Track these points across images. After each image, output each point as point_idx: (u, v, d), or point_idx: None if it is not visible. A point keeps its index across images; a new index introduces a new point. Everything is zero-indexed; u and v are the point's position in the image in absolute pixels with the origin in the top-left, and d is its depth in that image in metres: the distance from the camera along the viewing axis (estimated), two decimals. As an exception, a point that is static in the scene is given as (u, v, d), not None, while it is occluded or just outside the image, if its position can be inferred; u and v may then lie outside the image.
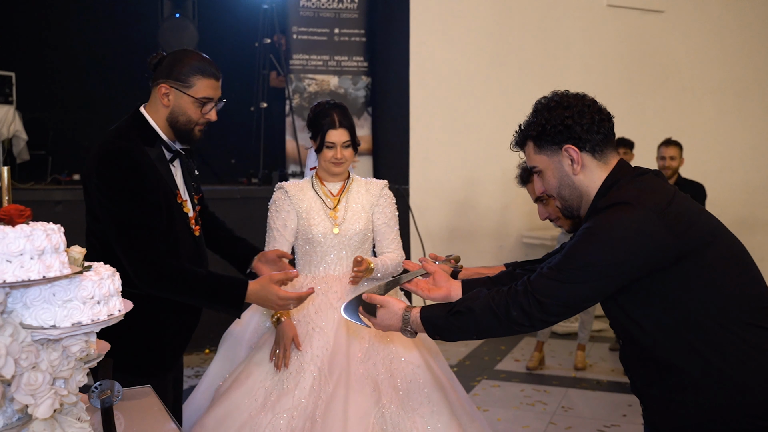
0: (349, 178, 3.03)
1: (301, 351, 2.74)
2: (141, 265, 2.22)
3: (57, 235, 1.33)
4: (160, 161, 2.34)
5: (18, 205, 1.33)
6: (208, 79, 2.34)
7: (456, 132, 6.99)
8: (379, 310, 2.01)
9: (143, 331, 2.36)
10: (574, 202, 1.93)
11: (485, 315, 1.83)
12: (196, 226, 2.46)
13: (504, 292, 1.84)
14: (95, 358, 1.67)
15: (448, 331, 1.91)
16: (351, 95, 7.22)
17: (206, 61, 2.36)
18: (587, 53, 7.40)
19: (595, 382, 5.29)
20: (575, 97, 1.91)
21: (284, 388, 2.68)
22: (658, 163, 5.71)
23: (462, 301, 1.92)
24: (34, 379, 1.35)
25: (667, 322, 1.78)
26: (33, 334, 1.35)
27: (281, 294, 2.30)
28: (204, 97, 2.33)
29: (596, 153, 1.88)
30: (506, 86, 7.07)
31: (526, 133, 1.96)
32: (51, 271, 1.30)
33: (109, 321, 1.45)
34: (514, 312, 1.80)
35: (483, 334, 1.91)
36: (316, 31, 7.19)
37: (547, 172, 1.94)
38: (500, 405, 4.76)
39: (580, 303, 1.82)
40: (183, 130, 2.36)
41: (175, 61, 2.34)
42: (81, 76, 8.41)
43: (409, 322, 1.95)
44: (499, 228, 7.13)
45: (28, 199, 5.57)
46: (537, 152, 1.93)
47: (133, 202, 2.22)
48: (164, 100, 2.33)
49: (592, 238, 1.75)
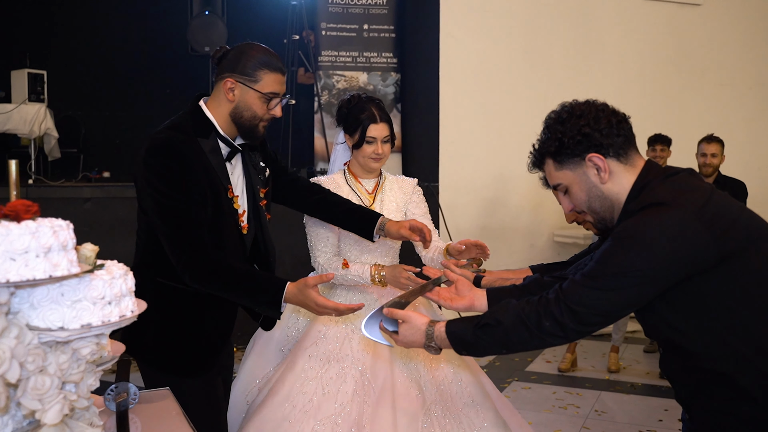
0: (381, 174, 2.95)
1: (341, 354, 2.65)
2: (185, 257, 2.17)
3: (65, 231, 1.26)
4: (214, 154, 2.27)
5: (25, 200, 1.26)
6: (275, 73, 2.26)
7: (487, 129, 6.87)
8: (401, 326, 1.91)
9: (181, 328, 2.32)
10: (607, 214, 1.83)
11: (515, 327, 1.74)
12: (245, 224, 2.38)
13: (534, 301, 1.74)
14: (109, 360, 1.60)
15: (475, 346, 1.81)
16: (380, 92, 7.13)
17: (272, 55, 2.28)
18: (622, 48, 7.23)
19: (629, 385, 5.15)
20: (586, 104, 1.81)
21: (325, 393, 2.57)
22: (699, 160, 5.55)
23: (490, 314, 1.81)
24: (41, 384, 1.28)
25: (712, 329, 1.66)
26: (40, 336, 1.29)
27: (319, 301, 2.18)
28: (270, 92, 2.26)
29: (621, 157, 1.78)
30: (539, 82, 6.93)
31: (543, 151, 1.86)
32: (58, 270, 1.23)
33: (121, 322, 1.38)
34: (546, 323, 1.70)
35: (514, 347, 1.80)
36: (345, 27, 7.12)
37: (573, 187, 1.83)
38: (531, 408, 4.64)
39: (616, 311, 1.71)
40: (247, 126, 2.29)
41: (240, 54, 2.26)
42: (112, 74, 8.45)
43: (433, 338, 1.85)
44: (531, 226, 7.00)
45: (57, 196, 5.59)
46: (558, 168, 1.83)
47: (179, 193, 2.16)
48: (229, 95, 2.26)
49: (626, 242, 1.65)
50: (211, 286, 2.22)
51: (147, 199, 2.21)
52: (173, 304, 2.31)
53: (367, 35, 7.14)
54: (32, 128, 6.85)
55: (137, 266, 2.33)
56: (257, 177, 2.44)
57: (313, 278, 2.20)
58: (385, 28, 7.16)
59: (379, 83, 7.14)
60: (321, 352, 2.67)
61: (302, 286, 2.18)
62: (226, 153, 2.32)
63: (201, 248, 2.18)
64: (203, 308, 2.33)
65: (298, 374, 2.62)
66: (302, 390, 2.58)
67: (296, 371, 2.63)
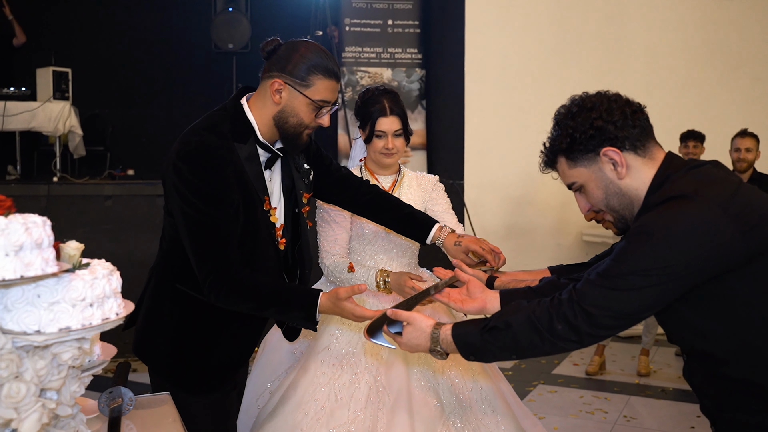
0: (399, 171, 2.84)
1: (354, 359, 2.55)
2: (211, 276, 1.99)
3: (40, 228, 1.18)
4: (251, 161, 2.08)
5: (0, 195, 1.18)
6: (329, 79, 2.04)
7: (513, 125, 6.73)
8: (405, 328, 1.79)
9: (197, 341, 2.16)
10: (626, 211, 1.70)
11: (525, 330, 1.62)
12: (282, 239, 2.20)
13: (546, 303, 1.62)
14: (98, 365, 1.52)
15: (483, 351, 1.69)
16: (405, 88, 7.03)
17: (329, 58, 2.06)
18: (652, 42, 7.04)
19: (659, 389, 4.98)
20: (597, 95, 1.69)
21: (338, 400, 2.45)
22: (732, 155, 5.37)
23: (499, 316, 1.69)
24: (16, 391, 1.20)
25: (741, 334, 1.54)
26: (15, 340, 1.20)
27: (357, 312, 2.00)
28: (321, 99, 2.04)
29: (638, 149, 1.65)
30: (566, 78, 6.77)
31: (554, 149, 1.73)
32: (30, 270, 1.14)
33: (103, 326, 1.29)
34: (558, 326, 1.58)
35: (524, 353, 1.67)
36: (369, 22, 7.03)
37: (589, 185, 1.71)
38: (557, 412, 4.51)
39: (634, 313, 1.57)
40: (291, 133, 2.07)
41: (293, 52, 2.05)
42: (136, 72, 8.48)
43: (439, 341, 1.73)
44: (558, 225, 6.84)
45: (79, 193, 5.57)
46: (572, 166, 1.71)
47: (208, 206, 1.97)
48: (276, 96, 2.04)
49: (645, 237, 1.52)
50: (239, 306, 2.06)
51: (174, 206, 2.04)
52: (191, 314, 2.15)
53: (392, 31, 7.04)
54: (57, 126, 6.86)
55: (157, 268, 2.23)
56: (301, 181, 2.25)
57: (345, 290, 2.00)
58: (409, 24, 7.05)
59: (403, 79, 7.04)
60: (333, 357, 2.56)
61: (335, 299, 2.00)
62: (264, 159, 2.13)
63: (227, 267, 2.00)
64: (224, 322, 2.17)
65: (311, 380, 2.51)
66: (314, 397, 2.47)
67: (308, 377, 2.52)
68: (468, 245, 2.35)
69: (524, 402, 4.65)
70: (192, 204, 1.98)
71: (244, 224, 2.06)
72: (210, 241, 2.00)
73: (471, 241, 2.36)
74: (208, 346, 2.18)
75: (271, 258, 2.18)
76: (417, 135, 7.07)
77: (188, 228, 2.01)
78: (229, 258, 2.01)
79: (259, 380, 2.74)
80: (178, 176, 1.99)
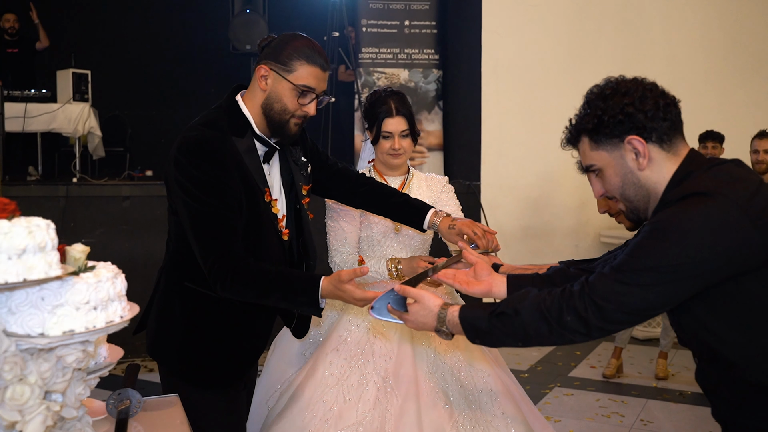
0: (409, 172, 2.84)
1: (362, 360, 2.54)
2: (216, 266, 2.01)
3: (43, 232, 1.18)
4: (250, 154, 2.13)
5: (2, 198, 1.18)
6: (312, 66, 2.09)
7: (530, 126, 6.69)
8: (412, 306, 1.77)
9: (208, 337, 2.18)
10: (641, 203, 1.68)
11: (534, 319, 1.60)
12: (285, 230, 2.23)
13: (557, 293, 1.60)
14: (104, 367, 1.53)
15: (489, 335, 1.67)
16: (422, 89, 7.02)
17: (315, 48, 2.12)
18: (671, 42, 6.97)
19: (677, 393, 4.92)
20: (633, 81, 1.65)
21: (346, 401, 2.45)
22: (752, 157, 5.29)
23: (507, 302, 1.66)
24: (20, 393, 1.21)
25: (757, 337, 1.51)
26: (19, 342, 1.21)
27: (357, 295, 1.98)
28: (304, 85, 2.08)
29: (664, 143, 1.62)
30: (584, 78, 6.65)
31: (579, 128, 1.70)
32: (33, 273, 1.14)
33: (108, 329, 1.29)
34: (567, 317, 1.56)
35: (530, 341, 1.65)
36: (386, 23, 7.03)
37: (607, 170, 1.68)
38: (573, 415, 4.47)
39: (645, 310, 1.54)
40: (277, 120, 2.12)
41: (281, 43, 2.12)
42: (155, 74, 8.55)
43: (446, 322, 1.72)
44: (576, 227, 6.79)
45: (98, 194, 5.61)
46: (594, 148, 1.68)
47: (210, 197, 2.01)
48: (262, 83, 2.11)
49: (661, 234, 1.49)
50: (244, 295, 2.06)
51: (177, 201, 2.07)
52: (201, 311, 2.18)
53: (408, 32, 7.04)
54: (76, 127, 6.94)
55: (165, 268, 2.25)
56: (299, 173, 2.30)
57: (347, 272, 2.00)
58: (426, 24, 7.04)
59: (420, 80, 7.03)
60: (342, 358, 2.56)
61: (336, 281, 2.00)
62: (262, 153, 2.18)
63: (231, 257, 2.02)
64: (235, 317, 2.19)
65: (319, 381, 2.51)
66: (323, 398, 2.46)
67: (317, 378, 2.52)
68: (461, 228, 2.36)
69: (540, 405, 4.64)
70: (194, 196, 2.01)
71: (248, 216, 2.09)
72: (213, 231, 2.02)
73: (464, 224, 2.37)
74: (221, 342, 2.19)
75: (275, 249, 2.20)
76: (434, 136, 7.06)
77: (192, 220, 2.03)
78: (233, 247, 2.03)
79: (269, 381, 2.74)
80: (179, 170, 2.03)
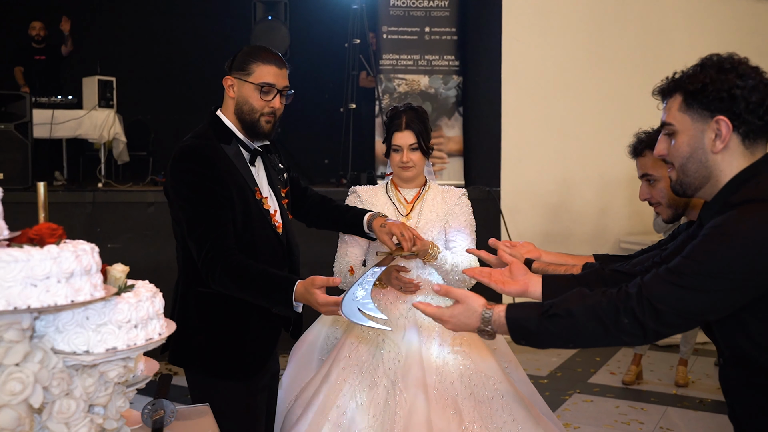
0: (426, 185, 2.90)
1: (373, 365, 2.62)
2: (206, 259, 2.22)
3: (89, 256, 1.25)
4: (238, 158, 2.36)
5: (51, 224, 1.26)
6: (268, 65, 2.33)
7: (550, 132, 6.71)
8: (454, 307, 1.75)
9: (224, 333, 2.36)
10: (695, 182, 1.66)
11: (588, 321, 1.57)
12: (278, 223, 2.43)
13: (612, 294, 1.58)
14: (142, 380, 1.60)
15: (539, 336, 1.64)
16: (442, 95, 7.07)
17: (267, 51, 2.38)
18: (693, 47, 6.85)
19: (697, 400, 4.93)
20: (755, 69, 1.63)
21: (357, 405, 2.54)
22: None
23: (560, 303, 1.64)
24: (67, 407, 1.28)
25: None
26: (65, 359, 1.28)
27: (320, 300, 2.14)
28: (264, 82, 2.32)
29: (747, 139, 1.60)
30: (604, 84, 6.73)
31: (680, 84, 1.67)
32: (80, 295, 1.22)
33: (147, 346, 1.37)
34: (625, 320, 1.54)
35: (582, 342, 1.64)
36: (407, 30, 7.08)
37: (681, 136, 1.65)
38: (592, 422, 4.50)
39: (702, 314, 1.54)
40: (249, 121, 2.35)
41: (239, 55, 2.38)
42: (178, 80, 8.65)
43: (491, 322, 1.69)
44: (596, 232, 6.80)
45: (123, 200, 5.72)
46: (682, 110, 1.65)
47: (203, 197, 2.23)
48: (230, 91, 2.36)
49: (722, 239, 1.48)
50: (228, 287, 2.25)
51: (175, 206, 2.30)
52: (216, 312, 2.36)
53: (429, 38, 7.08)
54: (102, 133, 7.07)
55: (180, 278, 2.43)
56: (277, 178, 2.51)
57: (321, 279, 2.16)
58: (446, 31, 7.09)
59: (440, 86, 7.08)
60: (353, 363, 2.65)
61: (309, 285, 2.16)
62: (248, 157, 2.40)
63: (222, 251, 2.22)
64: (247, 315, 2.36)
65: (332, 386, 2.61)
66: (336, 403, 2.56)
67: (330, 383, 2.62)
68: (391, 227, 2.52)
69: (560, 411, 4.66)
70: (188, 198, 2.24)
71: (242, 213, 2.30)
72: (206, 228, 2.23)
73: (394, 224, 2.53)
74: (238, 334, 2.37)
75: (272, 242, 2.40)
76: (454, 142, 7.10)
77: (187, 220, 2.25)
78: (225, 242, 2.23)
79: (289, 388, 2.83)
80: (175, 176, 2.27)
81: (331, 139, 7.63)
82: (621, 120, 6.84)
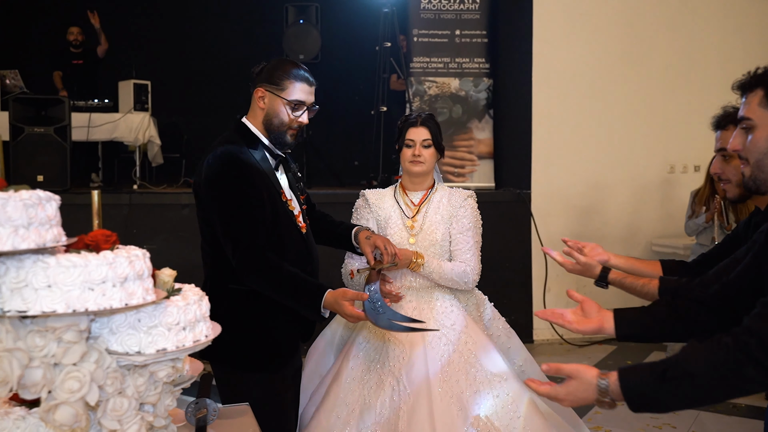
0: (433, 187, 2.95)
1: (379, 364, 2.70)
2: (240, 254, 2.33)
3: (141, 261, 1.32)
4: (264, 162, 2.47)
5: (105, 231, 1.32)
6: (301, 83, 2.45)
7: (581, 134, 6.69)
8: (568, 383, 1.65)
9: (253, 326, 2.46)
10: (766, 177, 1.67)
11: (712, 379, 1.49)
12: (302, 224, 2.55)
13: (729, 345, 1.49)
14: (187, 380, 1.66)
15: (658, 402, 1.54)
16: (472, 98, 7.09)
17: (300, 68, 2.50)
18: (727, 47, 6.86)
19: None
20: None
21: (366, 403, 2.63)
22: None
23: (675, 364, 1.54)
24: (120, 405, 1.34)
25: None
26: (118, 360, 1.35)
27: (348, 311, 2.29)
28: (296, 100, 2.45)
29: None
30: (636, 86, 6.69)
31: (761, 79, 1.68)
32: (133, 299, 1.28)
33: (195, 347, 1.43)
34: (752, 371, 1.46)
35: (706, 401, 1.58)
36: (437, 33, 7.11)
37: (759, 131, 1.66)
38: (623, 426, 4.49)
39: None
40: (276, 133, 2.47)
41: (272, 67, 2.48)
42: (211, 83, 8.77)
43: (608, 392, 1.58)
44: (627, 235, 6.76)
45: (158, 202, 5.83)
46: (762, 105, 1.65)
47: (238, 196, 2.35)
48: (260, 103, 2.47)
49: None
50: (260, 284, 2.36)
51: (211, 209, 2.40)
52: (246, 307, 2.45)
53: (459, 41, 7.11)
54: (137, 136, 7.21)
55: (209, 277, 2.53)
56: (296, 185, 2.64)
57: (351, 293, 2.31)
58: (477, 34, 7.10)
59: (471, 89, 7.10)
60: (362, 362, 2.74)
61: (340, 296, 2.30)
62: (273, 163, 2.52)
63: (257, 247, 2.33)
64: (277, 310, 2.45)
65: (341, 384, 2.70)
66: (345, 400, 2.65)
67: (340, 381, 2.71)
68: (375, 240, 2.62)
69: (590, 414, 4.66)
70: (222, 199, 2.37)
71: (272, 213, 2.41)
72: (242, 227, 2.34)
73: (379, 238, 2.64)
74: (268, 328, 2.47)
75: (298, 242, 2.52)
76: (484, 144, 7.11)
77: (223, 221, 2.37)
78: (258, 241, 2.35)
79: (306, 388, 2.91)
80: (208, 181, 2.38)
81: (361, 141, 7.70)
82: (652, 122, 6.81)
